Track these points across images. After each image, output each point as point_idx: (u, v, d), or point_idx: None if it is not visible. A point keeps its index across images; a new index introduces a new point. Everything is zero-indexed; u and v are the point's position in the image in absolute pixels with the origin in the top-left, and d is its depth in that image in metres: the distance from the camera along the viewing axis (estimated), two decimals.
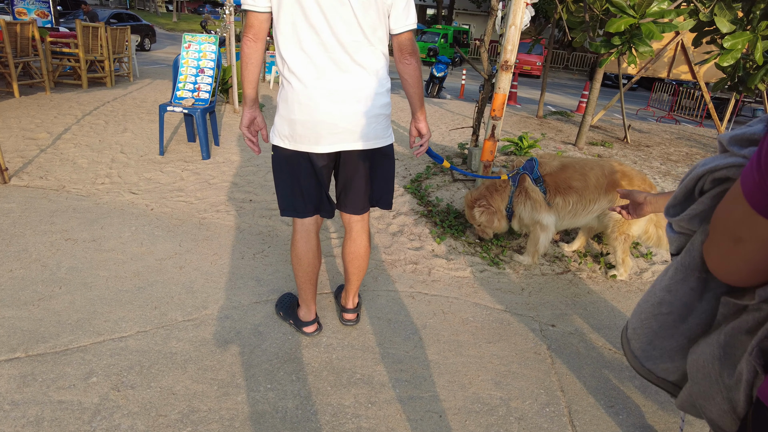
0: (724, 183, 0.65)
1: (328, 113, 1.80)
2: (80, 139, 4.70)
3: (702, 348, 0.70)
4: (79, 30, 6.97)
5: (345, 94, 1.80)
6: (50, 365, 1.91)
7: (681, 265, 0.72)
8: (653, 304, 0.78)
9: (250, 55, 1.82)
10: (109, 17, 15.42)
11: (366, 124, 1.86)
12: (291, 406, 1.82)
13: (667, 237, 0.77)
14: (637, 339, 0.81)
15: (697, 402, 0.71)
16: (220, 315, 2.32)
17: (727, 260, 0.58)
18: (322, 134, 1.83)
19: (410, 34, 1.85)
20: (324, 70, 1.77)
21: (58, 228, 3.00)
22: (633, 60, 5.34)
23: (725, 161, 0.64)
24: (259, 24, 1.78)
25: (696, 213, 0.68)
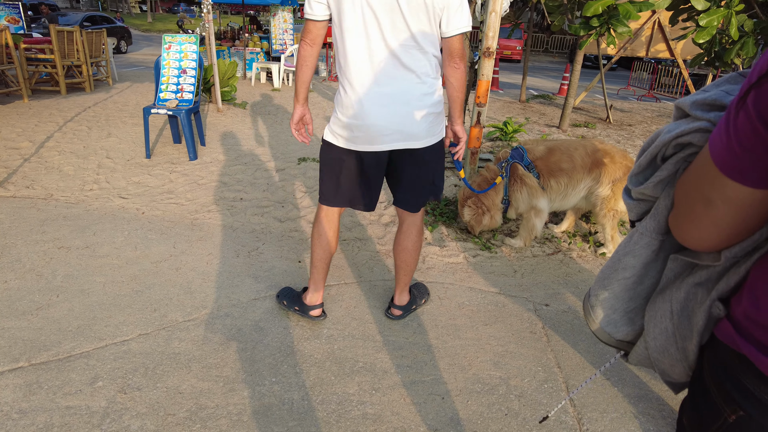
0: (686, 148, 0.66)
1: (379, 116, 1.89)
2: (64, 146, 4.65)
3: (658, 305, 0.73)
4: (53, 35, 6.85)
5: (394, 98, 1.88)
6: (55, 372, 1.92)
7: (646, 230, 0.74)
8: (616, 269, 0.80)
9: (306, 57, 1.95)
10: (82, 20, 15.12)
11: (415, 125, 1.93)
12: (297, 398, 1.86)
13: (626, 204, 0.79)
14: (599, 305, 0.85)
15: (652, 356, 0.75)
16: (220, 313, 2.34)
17: (698, 225, 0.59)
18: (373, 136, 1.93)
19: (461, 37, 1.91)
20: (375, 76, 1.86)
21: (50, 237, 2.99)
22: (612, 41, 5.40)
23: (689, 126, 0.64)
24: (316, 31, 1.91)
25: (660, 179, 0.70)
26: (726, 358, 0.63)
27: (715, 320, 0.65)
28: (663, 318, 0.72)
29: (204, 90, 6.65)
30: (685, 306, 0.68)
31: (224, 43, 10.90)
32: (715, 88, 0.64)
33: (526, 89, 9.74)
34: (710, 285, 0.66)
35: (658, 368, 0.77)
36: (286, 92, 8.66)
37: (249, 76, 9.88)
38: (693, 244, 0.62)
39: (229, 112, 6.47)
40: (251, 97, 7.87)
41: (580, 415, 1.85)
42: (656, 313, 0.74)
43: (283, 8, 10.49)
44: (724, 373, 0.63)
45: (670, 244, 0.74)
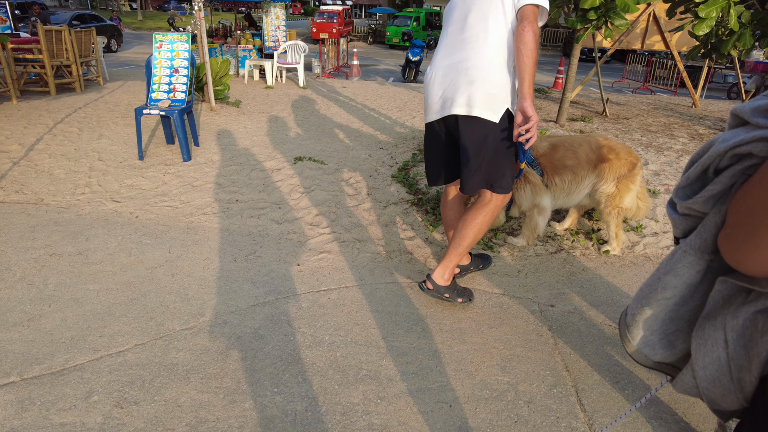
0: (745, 159, 0.59)
1: (440, 86, 2.21)
2: (54, 149, 4.55)
3: (708, 332, 0.68)
4: (41, 34, 6.72)
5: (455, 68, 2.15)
6: (48, 387, 1.85)
7: (691, 249, 0.69)
8: (656, 289, 0.75)
9: None
10: (71, 19, 14.91)
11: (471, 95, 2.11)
12: (300, 409, 1.80)
13: (671, 220, 0.73)
14: (636, 325, 0.79)
15: (701, 385, 0.69)
16: (218, 321, 2.28)
17: (762, 250, 0.53)
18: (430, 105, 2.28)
19: (532, 7, 2.02)
20: (445, 51, 2.23)
21: (41, 243, 2.91)
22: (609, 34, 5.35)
23: (750, 135, 0.58)
24: None
25: (713, 193, 0.63)
26: None
27: None
28: (715, 346, 0.66)
29: (196, 89, 6.55)
30: (742, 334, 0.62)
31: (216, 40, 10.77)
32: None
33: None
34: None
35: (707, 398, 0.72)
36: (280, 90, 8.56)
37: (242, 73, 9.76)
38: (752, 269, 0.56)
39: (223, 111, 6.38)
40: (244, 95, 7.77)
41: (591, 421, 1.80)
42: (706, 341, 0.68)
43: (275, 4, 10.36)
44: None
45: (717, 264, 0.68)
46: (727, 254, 0.58)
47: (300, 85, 9.07)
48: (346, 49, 13.21)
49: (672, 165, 4.61)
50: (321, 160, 4.54)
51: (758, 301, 0.61)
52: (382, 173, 4.21)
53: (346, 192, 3.86)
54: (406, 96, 8.57)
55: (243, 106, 6.86)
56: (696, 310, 0.72)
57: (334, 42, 11.70)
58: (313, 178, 4.07)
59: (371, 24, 26.64)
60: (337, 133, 5.68)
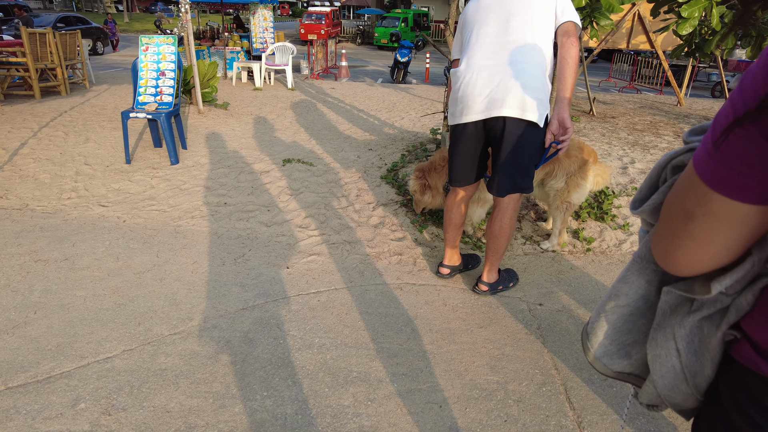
0: (681, 170, 0.64)
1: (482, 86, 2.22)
2: (39, 153, 4.50)
3: (660, 342, 0.69)
4: (24, 37, 6.64)
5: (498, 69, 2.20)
6: (33, 395, 1.83)
7: (637, 257, 0.72)
8: (611, 296, 0.77)
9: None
10: (55, 21, 14.73)
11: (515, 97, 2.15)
12: (290, 412, 1.80)
13: (639, 238, 0.76)
14: (595, 334, 0.81)
15: (662, 393, 0.72)
16: (207, 325, 2.27)
17: (676, 242, 0.57)
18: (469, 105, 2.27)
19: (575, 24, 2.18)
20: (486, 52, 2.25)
21: (26, 249, 2.87)
22: (595, 33, 5.40)
23: (683, 147, 0.64)
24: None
25: (656, 203, 0.66)
26: (748, 381, 0.60)
27: (729, 344, 0.63)
28: (668, 356, 0.68)
29: (184, 92, 6.50)
30: (690, 342, 0.65)
31: (204, 42, 10.70)
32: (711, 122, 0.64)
33: None
34: (716, 318, 0.63)
35: (670, 403, 0.74)
36: (268, 91, 8.53)
37: (230, 75, 9.71)
38: (674, 267, 0.60)
39: (211, 114, 6.34)
40: (233, 97, 7.73)
41: (580, 419, 1.82)
42: (660, 352, 0.70)
43: (263, 6, 10.33)
44: (746, 397, 0.60)
45: (672, 278, 0.70)
46: (655, 254, 0.63)
47: (288, 86, 9.04)
48: (335, 50, 13.19)
49: None
50: (310, 161, 4.53)
51: (701, 310, 0.63)
52: (372, 174, 4.21)
53: (335, 194, 3.86)
54: (394, 97, 8.58)
55: (231, 109, 6.83)
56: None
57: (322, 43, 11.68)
58: (302, 180, 4.06)
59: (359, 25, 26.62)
60: (326, 135, 5.67)
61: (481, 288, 2.57)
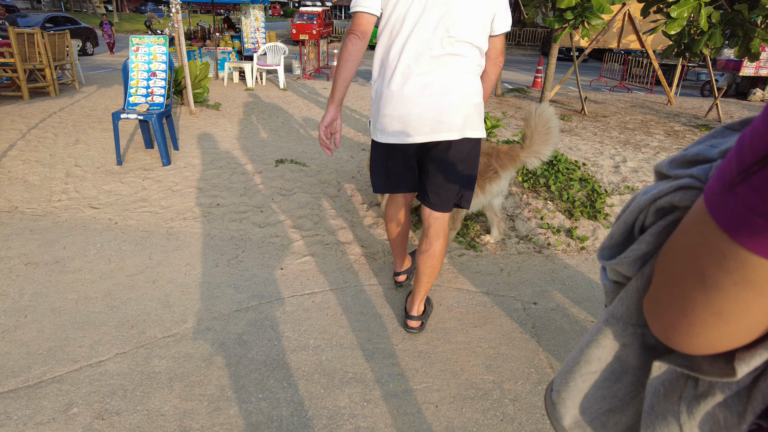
0: (670, 214, 0.52)
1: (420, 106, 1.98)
2: (28, 155, 4.44)
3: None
4: (12, 38, 6.56)
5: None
6: (24, 401, 1.80)
7: (613, 317, 0.59)
8: (580, 362, 0.65)
9: (354, 52, 1.89)
10: (44, 21, 14.58)
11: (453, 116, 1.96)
12: (286, 414, 1.79)
13: (603, 286, 0.63)
14: (563, 404, 0.69)
15: None
16: (201, 327, 2.25)
17: (691, 318, 0.42)
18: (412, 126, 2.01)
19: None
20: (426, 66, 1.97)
21: (16, 252, 2.83)
22: (586, 33, 5.44)
23: (669, 185, 0.51)
24: (369, 24, 1.92)
25: (638, 254, 0.53)
26: None
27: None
28: None
29: (175, 92, 6.46)
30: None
31: (195, 43, 10.63)
32: (697, 145, 0.52)
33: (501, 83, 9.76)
34: (735, 405, 0.50)
35: None
36: (260, 92, 8.50)
37: (221, 76, 9.66)
38: (682, 345, 0.46)
39: (202, 114, 6.30)
40: (224, 98, 7.69)
41: None
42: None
43: (254, 6, 10.28)
44: None
45: (656, 340, 0.58)
46: (653, 324, 0.49)
47: (280, 86, 9.01)
48: (327, 50, 13.16)
49: (650, 162, 4.70)
50: (303, 162, 4.52)
51: (713, 394, 0.50)
52: (365, 175, 4.20)
53: (328, 194, 3.85)
54: None
55: (223, 109, 6.79)
56: (632, 388, 0.63)
57: (314, 43, 11.65)
58: (294, 181, 4.04)
59: None
60: None
61: (412, 325, 2.26)
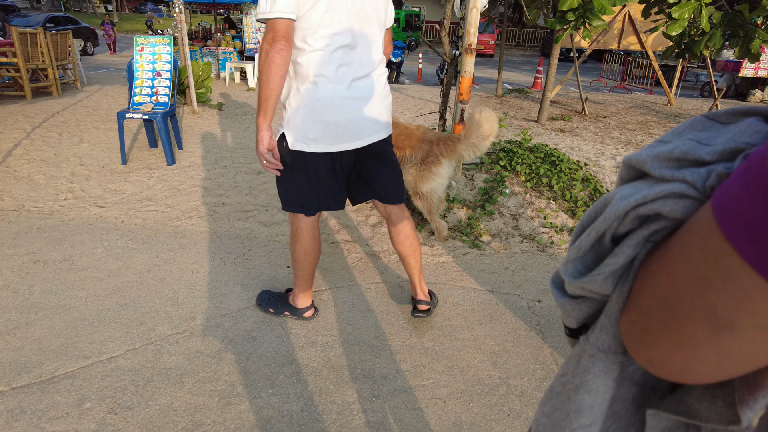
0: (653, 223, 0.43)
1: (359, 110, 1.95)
2: (33, 155, 4.47)
3: None
4: (15, 37, 6.57)
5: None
6: (38, 396, 1.83)
7: (599, 351, 0.49)
8: (570, 414, 0.53)
9: (283, 65, 1.73)
10: (44, 21, 14.59)
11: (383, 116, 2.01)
12: (296, 409, 1.82)
13: (558, 304, 0.52)
14: None
15: None
16: (210, 324, 2.27)
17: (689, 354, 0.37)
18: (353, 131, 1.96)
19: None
20: (355, 68, 1.91)
21: (24, 250, 2.86)
22: (587, 34, 5.47)
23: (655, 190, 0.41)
24: (289, 30, 1.74)
25: (613, 269, 0.45)
26: None
27: None
28: None
29: (178, 92, 6.48)
30: None
31: (196, 43, 10.66)
32: (677, 138, 0.44)
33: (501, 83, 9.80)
34: None
35: None
36: None
37: (222, 76, 9.68)
38: (670, 373, 0.40)
39: (205, 114, 6.32)
40: (226, 97, 7.71)
41: None
42: None
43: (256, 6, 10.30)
44: None
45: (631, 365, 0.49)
46: (635, 350, 0.42)
47: None
48: None
49: None
50: None
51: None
52: None
53: None
54: None
55: (225, 109, 6.82)
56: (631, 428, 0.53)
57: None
58: None
59: None
60: None
61: (422, 308, 2.31)
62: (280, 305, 2.34)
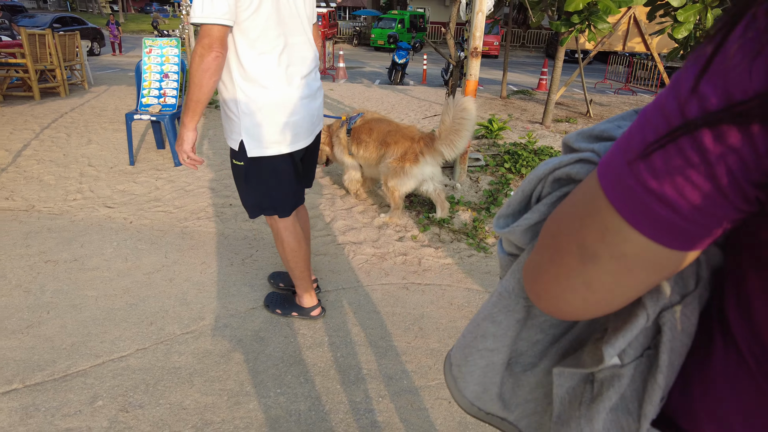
0: (565, 185, 0.50)
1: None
2: (43, 155, 4.52)
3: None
4: (24, 38, 6.64)
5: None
6: (51, 393, 1.86)
7: (505, 291, 0.56)
8: (477, 337, 0.60)
9: (218, 70, 1.73)
10: (51, 22, 14.69)
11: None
12: (303, 409, 1.85)
13: (499, 259, 0.60)
14: (463, 378, 0.64)
15: None
16: (219, 324, 2.31)
17: (563, 284, 0.42)
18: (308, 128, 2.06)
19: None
20: (299, 62, 1.98)
21: (35, 250, 2.90)
22: (592, 37, 5.48)
23: (569, 156, 0.49)
24: (225, 36, 1.71)
25: (530, 223, 0.52)
26: None
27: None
28: None
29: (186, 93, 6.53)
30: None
31: None
32: (606, 123, 0.51)
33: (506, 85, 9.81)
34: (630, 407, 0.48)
35: None
36: None
37: None
38: (550, 308, 0.45)
39: (211, 115, 6.37)
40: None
41: None
42: None
43: None
44: None
45: (543, 318, 0.56)
46: (529, 286, 0.48)
47: None
48: (332, 51, 13.24)
49: None
50: None
51: (607, 396, 0.49)
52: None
53: (339, 194, 3.91)
54: (393, 98, 8.63)
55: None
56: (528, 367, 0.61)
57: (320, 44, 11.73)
58: None
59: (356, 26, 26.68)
60: None
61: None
62: (287, 306, 2.37)
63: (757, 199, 0.31)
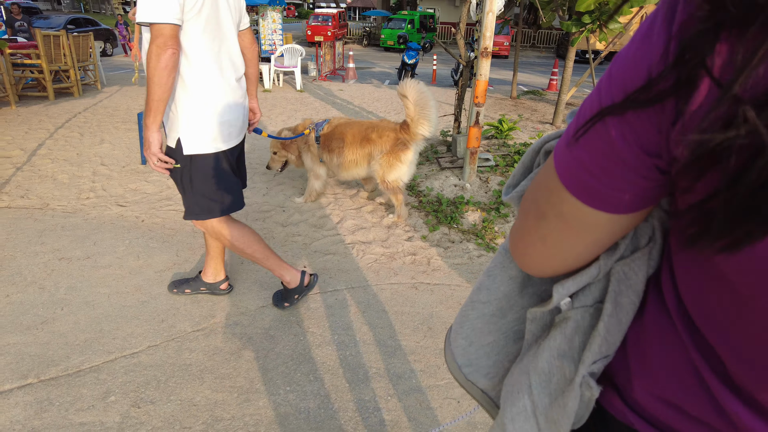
0: None
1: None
2: (57, 154, 4.58)
3: (515, 377, 0.58)
4: (39, 40, 6.74)
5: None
6: (65, 388, 1.89)
7: (502, 248, 0.63)
8: (474, 290, 0.66)
9: (175, 68, 1.75)
10: (65, 23, 14.88)
11: None
12: (313, 406, 1.86)
13: None
14: (456, 340, 0.68)
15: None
16: (229, 322, 2.33)
17: (527, 239, 0.50)
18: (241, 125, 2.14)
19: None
20: (228, 63, 2.03)
21: (49, 248, 2.94)
22: (603, 37, 5.45)
23: (557, 131, 0.55)
24: (177, 35, 1.75)
25: (523, 191, 0.58)
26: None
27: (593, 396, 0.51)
28: (520, 394, 0.56)
29: None
30: (548, 381, 0.54)
31: None
32: None
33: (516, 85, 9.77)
34: (574, 354, 0.52)
35: None
36: (277, 93, 8.62)
37: None
38: (521, 262, 0.53)
39: None
40: None
41: None
42: (513, 388, 0.58)
43: (272, 8, 10.41)
44: None
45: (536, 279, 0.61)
46: (511, 246, 0.55)
47: (297, 88, 9.12)
48: (342, 51, 13.27)
49: None
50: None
51: (552, 336, 0.53)
52: None
53: (348, 194, 3.92)
54: None
55: None
56: (515, 325, 0.64)
57: (330, 45, 11.76)
58: None
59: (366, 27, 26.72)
60: None
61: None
62: (289, 297, 2.43)
63: (657, 167, 0.38)
